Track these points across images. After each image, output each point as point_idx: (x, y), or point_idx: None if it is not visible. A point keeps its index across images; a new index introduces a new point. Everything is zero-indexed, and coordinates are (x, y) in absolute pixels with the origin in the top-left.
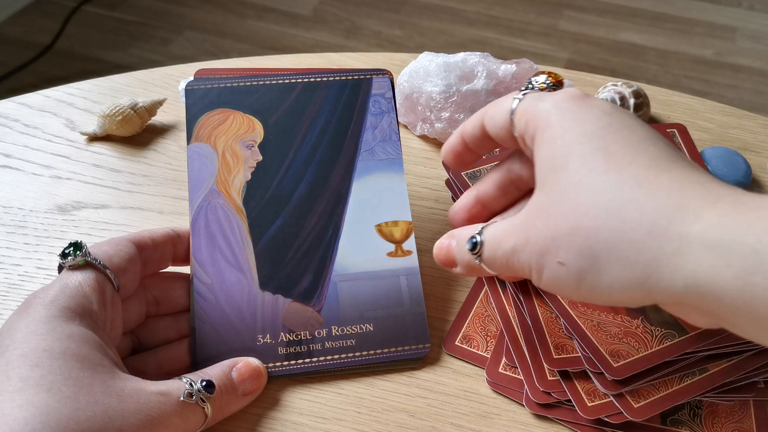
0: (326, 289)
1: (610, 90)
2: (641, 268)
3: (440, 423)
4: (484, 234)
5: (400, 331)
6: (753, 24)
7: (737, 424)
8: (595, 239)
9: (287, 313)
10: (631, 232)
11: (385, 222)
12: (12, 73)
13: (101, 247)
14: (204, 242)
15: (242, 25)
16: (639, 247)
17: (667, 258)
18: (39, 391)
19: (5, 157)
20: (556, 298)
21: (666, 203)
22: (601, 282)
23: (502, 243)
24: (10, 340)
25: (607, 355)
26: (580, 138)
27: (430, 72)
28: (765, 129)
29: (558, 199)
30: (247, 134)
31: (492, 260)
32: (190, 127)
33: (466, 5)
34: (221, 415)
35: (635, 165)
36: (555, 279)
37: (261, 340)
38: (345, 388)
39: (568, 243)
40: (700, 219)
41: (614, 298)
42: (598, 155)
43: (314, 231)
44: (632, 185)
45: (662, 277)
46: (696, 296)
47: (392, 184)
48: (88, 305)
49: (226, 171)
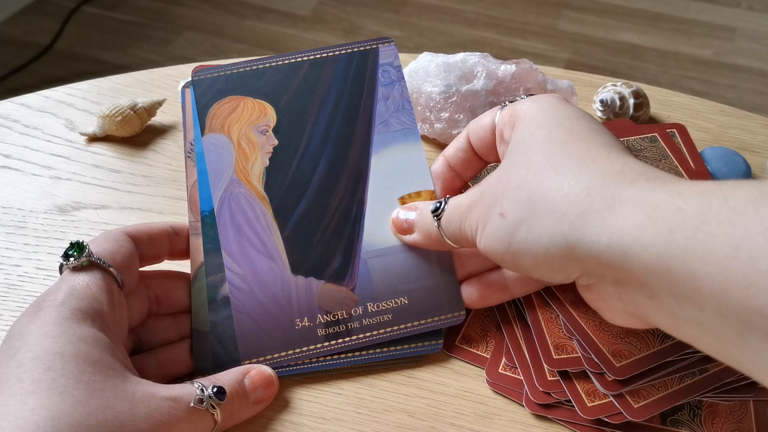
0: (357, 268)
1: (610, 90)
2: (569, 221)
3: (440, 423)
4: (449, 200)
5: (434, 302)
6: (752, 24)
7: (737, 424)
8: (535, 192)
9: (322, 295)
10: (568, 188)
11: (407, 193)
12: (11, 73)
13: (102, 245)
14: (231, 233)
15: (241, 25)
16: (572, 200)
17: (596, 213)
18: (51, 395)
19: (5, 157)
20: (558, 298)
21: (608, 171)
22: (531, 234)
23: (461, 204)
24: (21, 342)
25: (609, 355)
26: (550, 119)
27: (429, 72)
28: (764, 129)
29: (517, 160)
30: (259, 119)
31: (449, 222)
32: (202, 118)
33: (465, 5)
34: (231, 422)
35: (590, 142)
36: (493, 232)
37: (299, 324)
38: (345, 389)
39: (513, 195)
40: (635, 184)
41: (541, 256)
42: (561, 131)
43: (338, 211)
44: (582, 154)
45: (588, 232)
46: (618, 255)
47: (410, 154)
48: (99, 306)
49: (243, 159)
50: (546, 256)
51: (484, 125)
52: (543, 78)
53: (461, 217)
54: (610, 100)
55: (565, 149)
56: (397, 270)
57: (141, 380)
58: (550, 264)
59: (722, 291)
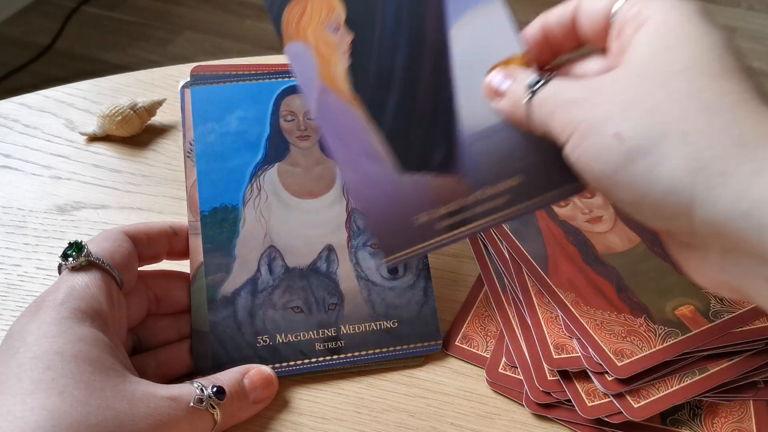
0: (462, 155)
1: None
2: (707, 175)
3: (440, 423)
4: (552, 80)
5: (549, 177)
6: (753, 24)
7: (737, 424)
8: (674, 125)
9: (432, 189)
10: (717, 136)
11: (496, 64)
12: (11, 73)
13: (101, 244)
14: (334, 143)
15: (241, 25)
16: (717, 153)
17: (741, 175)
18: (51, 395)
19: (5, 157)
20: (560, 297)
21: (762, 129)
22: (652, 171)
23: (564, 92)
24: (21, 342)
25: (611, 354)
26: (700, 41)
27: None
28: None
29: (651, 76)
30: (329, 16)
31: (542, 104)
32: (277, 27)
33: None
34: (231, 421)
35: (744, 86)
36: (598, 150)
37: (417, 220)
38: (345, 388)
39: (641, 118)
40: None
41: (652, 197)
42: (713, 62)
43: (428, 99)
44: (737, 99)
45: (725, 193)
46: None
47: (490, 18)
48: (98, 306)
49: (325, 64)
50: (659, 201)
51: (597, 7)
52: None
53: (558, 107)
54: None
55: (718, 87)
56: (504, 149)
57: (141, 380)
58: (658, 210)
59: None
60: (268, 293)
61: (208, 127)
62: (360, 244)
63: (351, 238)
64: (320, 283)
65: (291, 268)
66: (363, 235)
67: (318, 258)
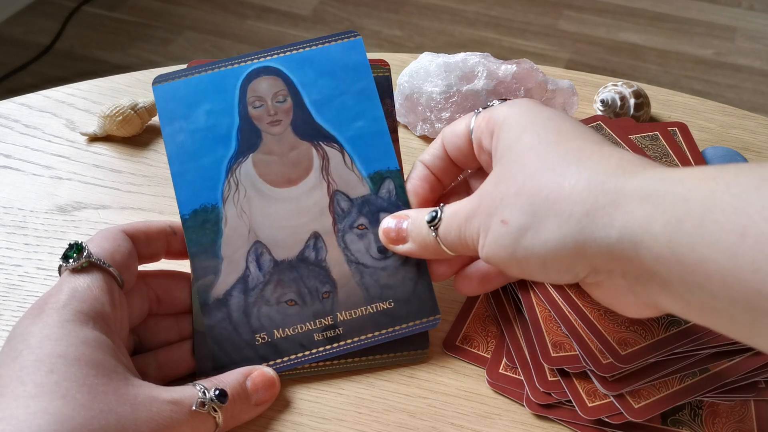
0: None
1: (611, 90)
2: (576, 220)
3: (440, 423)
4: (444, 209)
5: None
6: (753, 24)
7: (738, 424)
8: (537, 197)
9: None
10: (569, 188)
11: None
12: (12, 73)
13: (100, 244)
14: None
15: (242, 25)
16: (576, 199)
17: (602, 210)
18: (53, 398)
19: (5, 157)
20: (562, 288)
21: (606, 166)
22: (538, 239)
23: (458, 213)
24: (24, 344)
25: (615, 343)
26: (534, 121)
27: (430, 72)
28: (765, 129)
29: (510, 166)
30: None
31: (447, 232)
32: None
33: (466, 5)
34: (232, 423)
35: (580, 140)
36: (496, 239)
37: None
38: (345, 389)
39: (514, 202)
40: (636, 176)
41: (549, 259)
42: (549, 131)
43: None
44: (576, 153)
45: (596, 229)
46: (629, 249)
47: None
48: (100, 308)
49: None
50: (555, 258)
51: (458, 133)
52: (543, 78)
53: (460, 226)
54: (611, 100)
55: (558, 149)
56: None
57: (143, 383)
58: (559, 266)
59: (732, 277)
60: (260, 290)
61: (176, 126)
62: (347, 227)
63: (336, 222)
64: (311, 273)
65: (280, 261)
66: (348, 217)
67: (305, 247)
